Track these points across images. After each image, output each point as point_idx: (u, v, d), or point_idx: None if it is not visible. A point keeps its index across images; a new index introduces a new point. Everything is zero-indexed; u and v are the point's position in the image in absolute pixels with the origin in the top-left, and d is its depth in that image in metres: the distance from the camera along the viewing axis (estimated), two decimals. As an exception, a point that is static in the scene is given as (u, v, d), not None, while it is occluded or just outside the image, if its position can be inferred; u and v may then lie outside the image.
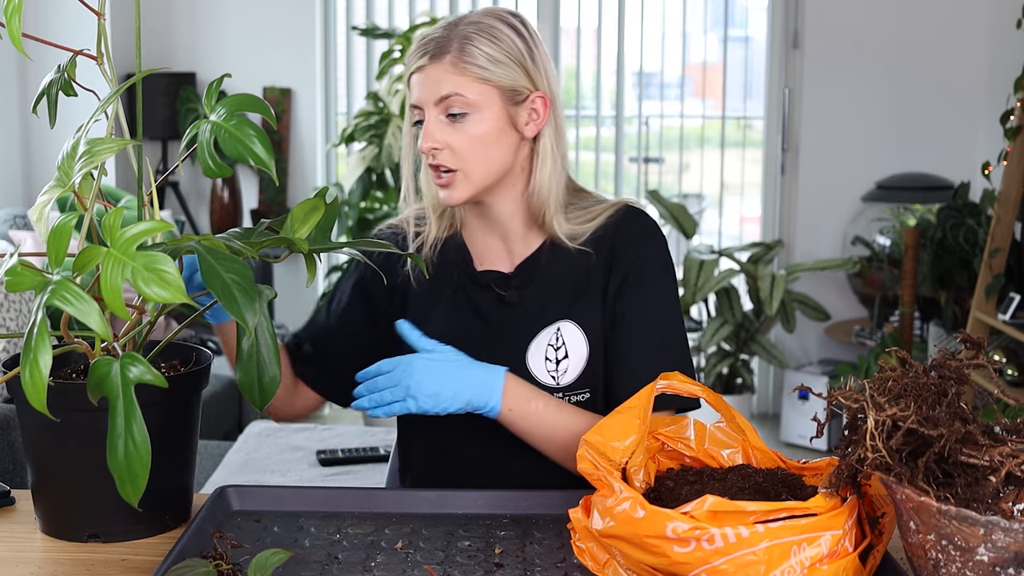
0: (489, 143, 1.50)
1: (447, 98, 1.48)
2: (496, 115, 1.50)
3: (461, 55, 1.48)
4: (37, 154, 4.36)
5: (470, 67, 1.48)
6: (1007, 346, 3.72)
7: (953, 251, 4.02)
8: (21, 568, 1.25)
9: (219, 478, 2.82)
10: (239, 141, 1.20)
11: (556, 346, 1.55)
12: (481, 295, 1.59)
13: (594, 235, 1.57)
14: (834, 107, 4.58)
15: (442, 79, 1.48)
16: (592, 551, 1.20)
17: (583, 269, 1.57)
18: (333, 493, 1.40)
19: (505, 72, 1.50)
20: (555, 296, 1.57)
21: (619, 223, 1.57)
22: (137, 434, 1.08)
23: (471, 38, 1.49)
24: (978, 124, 4.47)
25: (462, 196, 1.52)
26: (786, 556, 1.07)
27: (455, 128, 1.49)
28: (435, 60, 1.49)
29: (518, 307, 1.57)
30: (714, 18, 5.06)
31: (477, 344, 1.55)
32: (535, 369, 1.55)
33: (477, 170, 1.51)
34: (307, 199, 1.29)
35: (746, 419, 1.34)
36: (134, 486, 1.08)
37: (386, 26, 4.59)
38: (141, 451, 1.07)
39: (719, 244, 5.10)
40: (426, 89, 1.50)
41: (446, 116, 1.49)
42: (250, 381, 1.21)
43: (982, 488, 1.05)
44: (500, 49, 1.50)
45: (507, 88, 1.50)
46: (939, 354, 1.12)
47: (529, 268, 1.58)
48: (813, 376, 4.34)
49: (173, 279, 1.01)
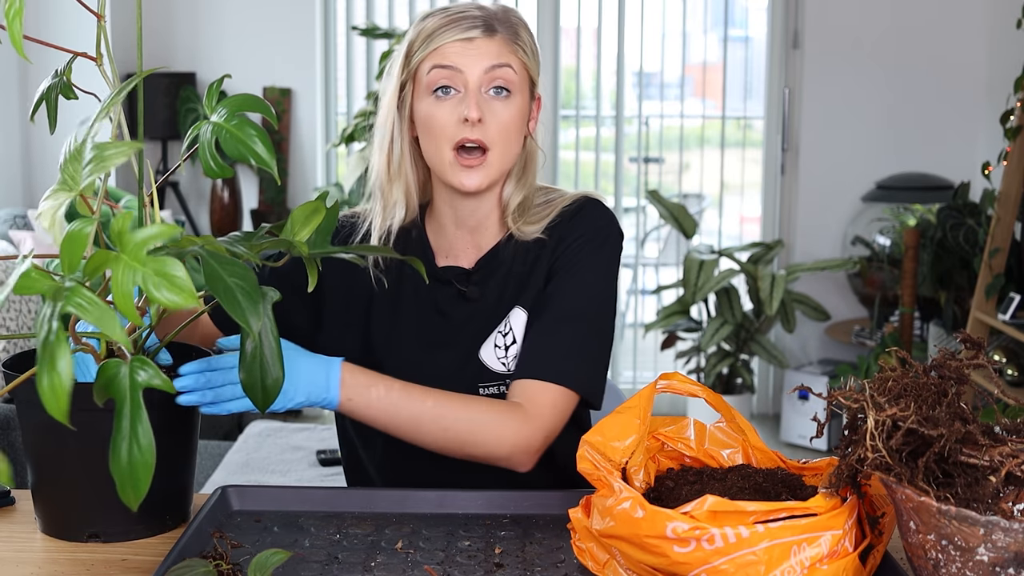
0: (516, 129, 1.50)
1: (501, 68, 1.47)
2: (524, 102, 1.52)
3: (514, 36, 1.50)
4: (37, 155, 4.36)
5: (519, 49, 1.50)
6: (1007, 346, 3.72)
7: (953, 251, 4.02)
8: (21, 568, 1.25)
9: (219, 478, 2.82)
10: (240, 141, 1.20)
11: (504, 332, 1.55)
12: (442, 291, 1.57)
13: (550, 224, 1.55)
14: (834, 107, 4.58)
15: (499, 50, 1.47)
16: (592, 551, 1.20)
17: (534, 257, 1.55)
18: (333, 493, 1.40)
19: (535, 64, 1.53)
20: (511, 288, 1.56)
21: (572, 214, 1.56)
22: (142, 438, 1.08)
23: (516, 24, 1.51)
24: (978, 124, 4.47)
25: (483, 181, 1.49)
26: (786, 556, 1.07)
27: (495, 105, 1.48)
28: (488, 35, 1.48)
29: (479, 302, 1.56)
30: (714, 18, 5.06)
31: (438, 340, 1.56)
32: (486, 359, 1.55)
33: (502, 157, 1.50)
34: (308, 202, 1.28)
35: (746, 419, 1.34)
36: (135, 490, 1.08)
37: (386, 26, 4.59)
38: (145, 455, 1.07)
39: (719, 244, 5.10)
40: (477, 58, 1.46)
41: (488, 90, 1.48)
42: (253, 383, 1.21)
43: (982, 488, 1.05)
44: (533, 41, 1.53)
45: (532, 80, 1.53)
46: (939, 354, 1.12)
47: (489, 263, 1.57)
48: (813, 376, 4.34)
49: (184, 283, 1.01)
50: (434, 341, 1.57)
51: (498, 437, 1.43)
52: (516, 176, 1.56)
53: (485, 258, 1.58)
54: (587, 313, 1.52)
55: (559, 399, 1.47)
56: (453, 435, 1.42)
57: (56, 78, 1.32)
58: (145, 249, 1.04)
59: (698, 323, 4.52)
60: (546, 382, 1.47)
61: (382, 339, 1.59)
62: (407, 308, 1.59)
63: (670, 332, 4.58)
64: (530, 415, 1.45)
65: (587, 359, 1.50)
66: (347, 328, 1.61)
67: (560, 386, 1.47)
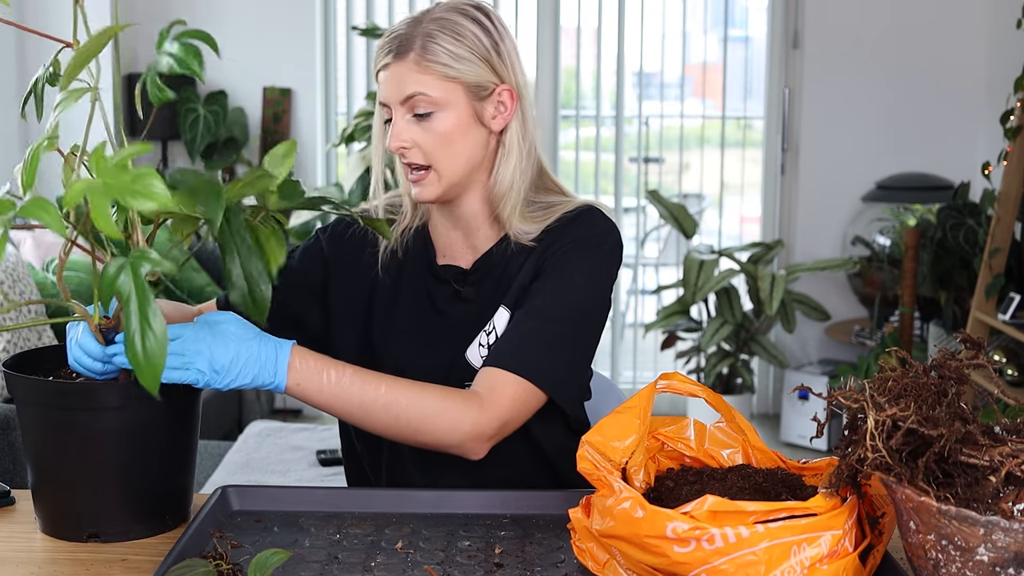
0: (456, 140, 1.50)
1: (412, 97, 1.48)
2: (461, 112, 1.50)
3: (424, 53, 1.48)
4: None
5: (433, 65, 1.48)
6: (1007, 346, 3.72)
7: (953, 251, 4.02)
8: (21, 568, 1.25)
9: (219, 478, 2.82)
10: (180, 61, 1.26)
11: (488, 332, 1.55)
12: (439, 289, 1.59)
13: (546, 229, 1.55)
14: (834, 107, 4.58)
15: (406, 78, 1.48)
16: (592, 551, 1.20)
17: (524, 260, 1.55)
18: (333, 493, 1.40)
19: (469, 68, 1.49)
20: (502, 290, 1.56)
21: (571, 218, 1.55)
22: (154, 323, 1.06)
23: (434, 35, 1.48)
24: (978, 124, 4.47)
25: (433, 194, 1.52)
26: (786, 556, 1.07)
27: (422, 127, 1.49)
28: (399, 58, 1.48)
29: (473, 302, 1.57)
30: (714, 18, 5.06)
31: (434, 339, 1.57)
32: (471, 358, 1.55)
33: (446, 167, 1.51)
34: (283, 142, 1.27)
35: (746, 419, 1.34)
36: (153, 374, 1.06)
37: (386, 26, 4.59)
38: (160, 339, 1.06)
39: (719, 244, 5.10)
40: (392, 88, 1.49)
41: (412, 115, 1.49)
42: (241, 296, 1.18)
43: (982, 488, 1.05)
44: (463, 45, 1.49)
45: (472, 84, 1.50)
46: (939, 354, 1.12)
47: (485, 264, 1.58)
48: (813, 376, 4.34)
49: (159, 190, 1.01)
50: (429, 340, 1.58)
51: (450, 425, 1.41)
52: (497, 171, 1.54)
53: (481, 260, 1.58)
54: (567, 314, 1.50)
55: (519, 391, 1.45)
56: (405, 422, 1.40)
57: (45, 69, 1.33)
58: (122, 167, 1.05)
59: (698, 323, 4.52)
60: (509, 372, 1.45)
61: (381, 336, 1.60)
62: (407, 305, 1.60)
63: (670, 332, 4.58)
64: (485, 403, 1.43)
65: (558, 358, 1.48)
66: (351, 323, 1.62)
67: (523, 378, 1.45)
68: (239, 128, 4.60)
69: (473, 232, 1.59)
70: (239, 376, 1.31)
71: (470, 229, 1.59)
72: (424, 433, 1.41)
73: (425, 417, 1.40)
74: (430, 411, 1.40)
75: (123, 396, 1.29)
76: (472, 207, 1.57)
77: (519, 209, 1.54)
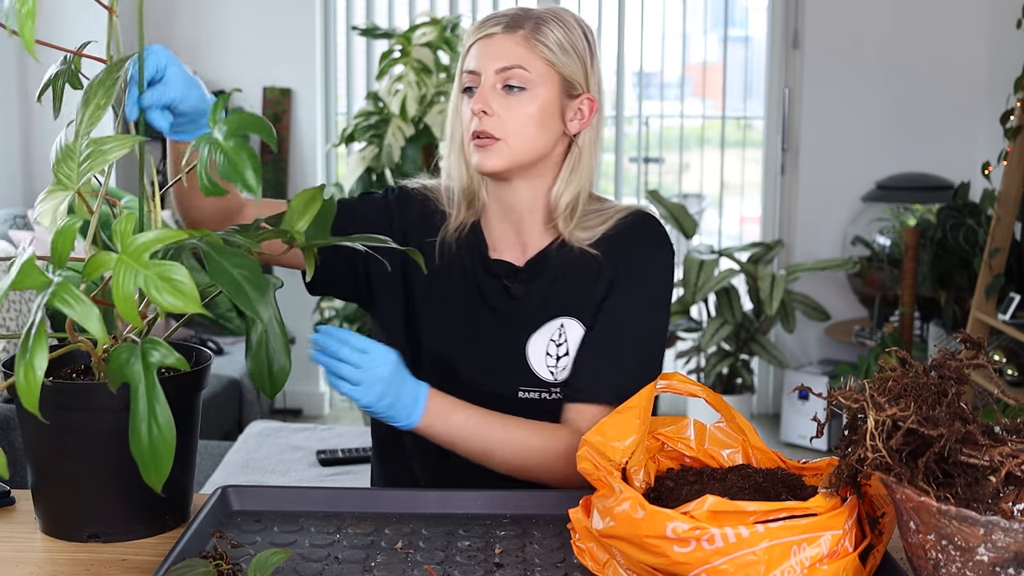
0: (535, 123, 1.52)
1: (510, 68, 1.51)
2: (550, 100, 1.53)
3: (535, 33, 1.52)
4: (37, 154, 4.36)
5: (540, 46, 1.52)
6: (1007, 346, 3.72)
7: (953, 251, 4.02)
8: (21, 568, 1.25)
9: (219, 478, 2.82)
10: (233, 165, 1.18)
11: (558, 343, 1.56)
12: (490, 283, 1.60)
13: (604, 236, 1.58)
14: (834, 107, 4.58)
15: (511, 50, 1.51)
16: (592, 551, 1.20)
17: (590, 270, 1.57)
18: (333, 493, 1.40)
19: (569, 61, 1.53)
20: (558, 293, 1.57)
21: (629, 229, 1.58)
22: (160, 417, 1.08)
23: (547, 21, 1.53)
24: (978, 124, 4.47)
25: (496, 165, 1.53)
26: (786, 556, 1.07)
27: (509, 100, 1.52)
28: (508, 31, 1.52)
29: (522, 301, 1.58)
30: (714, 18, 5.06)
31: (484, 332, 1.58)
32: (534, 362, 1.56)
33: (517, 144, 1.52)
34: (305, 189, 1.28)
35: (746, 419, 1.35)
36: (158, 471, 1.08)
37: (386, 26, 4.59)
38: (165, 434, 1.07)
39: (719, 244, 5.10)
40: (491, 56, 1.52)
41: (503, 87, 1.52)
42: (260, 370, 1.21)
43: (982, 488, 1.05)
44: (570, 40, 1.54)
45: (566, 78, 1.54)
46: (939, 354, 1.12)
47: (538, 264, 1.59)
48: (813, 376, 4.34)
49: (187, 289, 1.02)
50: (479, 332, 1.59)
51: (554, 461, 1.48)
52: (563, 178, 1.57)
53: (535, 259, 1.59)
54: (644, 332, 1.55)
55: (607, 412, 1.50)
56: (521, 463, 1.49)
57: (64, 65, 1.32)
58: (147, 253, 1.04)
59: (698, 323, 4.52)
60: (603, 405, 1.50)
61: (427, 322, 1.61)
62: (457, 297, 1.61)
63: (670, 332, 4.58)
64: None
65: (641, 376, 1.49)
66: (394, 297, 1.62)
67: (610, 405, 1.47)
68: (239, 128, 4.60)
69: (523, 228, 1.60)
70: (381, 410, 1.42)
71: (521, 224, 1.60)
72: (540, 475, 1.49)
73: (543, 461, 1.48)
74: (549, 455, 1.48)
75: (123, 396, 1.28)
76: (527, 200, 1.59)
77: (576, 217, 1.57)
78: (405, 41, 4.11)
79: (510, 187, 1.58)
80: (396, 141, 4.08)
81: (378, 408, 1.41)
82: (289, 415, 4.68)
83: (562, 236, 1.58)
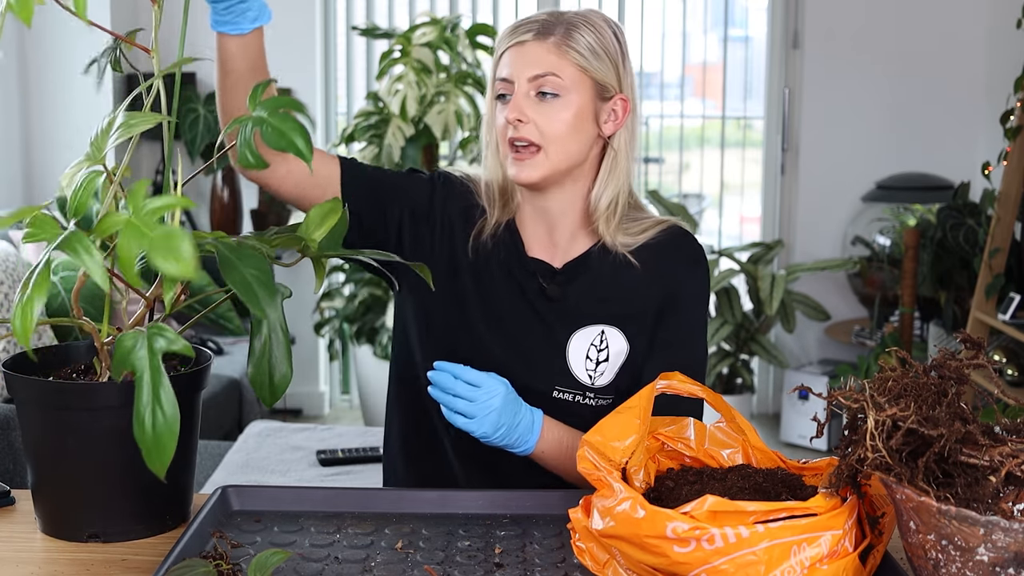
0: (570, 129, 1.54)
1: (543, 76, 1.53)
2: (584, 104, 1.54)
3: (566, 39, 1.53)
4: (37, 154, 4.36)
5: (572, 52, 1.53)
6: (1007, 346, 3.72)
7: (953, 251, 4.02)
8: (21, 568, 1.25)
9: (219, 478, 2.81)
10: (282, 134, 1.22)
11: (600, 348, 1.58)
12: (528, 281, 1.62)
13: (644, 246, 1.60)
14: (834, 107, 4.58)
15: (543, 57, 1.53)
16: (592, 551, 1.20)
17: (630, 278, 1.59)
18: (333, 493, 1.40)
19: (601, 66, 1.55)
20: (598, 298, 1.59)
21: (669, 244, 1.61)
22: (166, 404, 1.07)
23: (577, 27, 1.54)
24: (978, 124, 4.47)
25: (535, 175, 1.54)
26: (786, 556, 1.07)
27: (543, 107, 1.53)
28: (539, 38, 1.53)
29: (559, 302, 1.60)
30: (714, 18, 5.06)
31: (523, 328, 1.60)
32: (574, 365, 1.58)
33: (555, 150, 1.54)
34: (325, 202, 1.29)
35: (746, 419, 1.34)
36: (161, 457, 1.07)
37: (386, 26, 4.59)
38: (170, 420, 1.07)
39: (719, 244, 5.10)
40: (523, 64, 1.53)
41: (536, 94, 1.53)
42: (261, 379, 1.21)
43: (982, 488, 1.05)
44: (601, 44, 1.55)
45: (599, 82, 1.55)
46: (939, 354, 1.12)
47: (576, 267, 1.61)
48: (813, 376, 4.34)
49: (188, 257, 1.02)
50: (521, 327, 1.60)
51: None
52: (601, 180, 1.59)
53: (574, 262, 1.61)
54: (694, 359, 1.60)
55: None
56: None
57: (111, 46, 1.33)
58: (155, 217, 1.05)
59: (698, 323, 4.52)
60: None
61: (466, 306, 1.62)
62: (497, 289, 1.62)
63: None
64: None
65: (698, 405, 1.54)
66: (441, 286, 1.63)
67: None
68: (239, 128, 4.60)
69: (557, 232, 1.62)
70: (498, 439, 1.47)
71: (555, 226, 1.62)
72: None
73: None
74: None
75: (123, 395, 1.29)
76: (562, 205, 1.60)
77: (617, 219, 1.59)
78: (405, 41, 4.11)
79: (545, 193, 1.60)
80: (396, 141, 4.08)
81: (494, 438, 1.46)
82: (289, 415, 4.68)
83: (602, 240, 1.60)
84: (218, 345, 3.98)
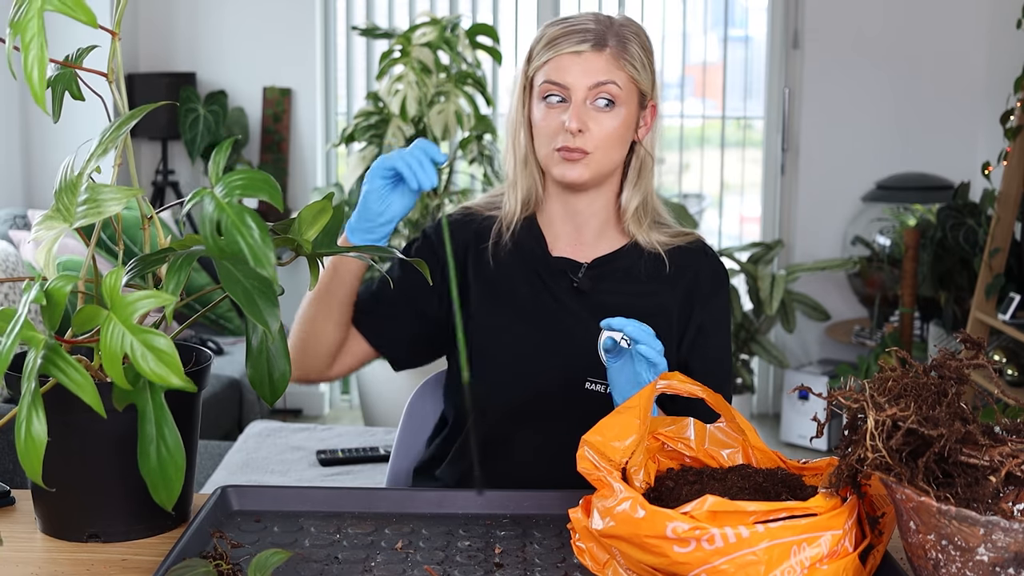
0: (619, 136, 1.60)
1: (604, 84, 1.57)
2: (631, 112, 1.61)
3: (622, 51, 1.59)
4: (37, 155, 4.36)
5: (627, 64, 1.59)
6: (1007, 346, 3.72)
7: (953, 251, 4.02)
8: (21, 568, 1.25)
9: (219, 478, 2.82)
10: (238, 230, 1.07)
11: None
12: (555, 278, 1.65)
13: (672, 250, 1.66)
14: (834, 107, 4.58)
15: (602, 67, 1.57)
16: (592, 551, 1.20)
17: (659, 278, 1.64)
18: (333, 493, 1.40)
19: (646, 76, 1.63)
20: (629, 294, 1.64)
21: (697, 259, 1.67)
22: (169, 439, 1.09)
23: (628, 38, 1.60)
24: (978, 124, 4.47)
25: (581, 176, 1.59)
26: (786, 556, 1.07)
27: (599, 116, 1.58)
28: (596, 49, 1.58)
29: (590, 296, 1.63)
30: (714, 18, 5.06)
31: (556, 326, 1.63)
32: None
33: (602, 156, 1.59)
34: (315, 201, 1.29)
35: (746, 419, 1.34)
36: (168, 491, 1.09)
37: (386, 26, 4.59)
38: (175, 455, 1.09)
39: (719, 244, 5.10)
40: (582, 74, 1.57)
41: (593, 102, 1.57)
42: (260, 377, 1.22)
43: (982, 488, 1.05)
44: (646, 55, 1.63)
45: (642, 91, 1.63)
46: (939, 354, 1.12)
47: (605, 264, 1.65)
48: (813, 376, 4.34)
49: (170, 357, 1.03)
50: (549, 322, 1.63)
51: None
52: (631, 182, 1.66)
53: (604, 258, 1.66)
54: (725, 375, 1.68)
55: None
56: None
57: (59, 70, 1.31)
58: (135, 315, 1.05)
59: (698, 323, 4.52)
60: None
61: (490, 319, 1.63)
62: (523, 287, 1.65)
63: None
64: None
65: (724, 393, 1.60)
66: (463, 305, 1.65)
67: None
68: (239, 128, 4.60)
69: (584, 231, 1.67)
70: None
71: (582, 227, 1.67)
72: None
73: None
74: None
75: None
76: (593, 206, 1.66)
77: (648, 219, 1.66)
78: (405, 41, 4.11)
79: (579, 194, 1.64)
80: (396, 141, 4.07)
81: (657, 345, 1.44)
82: (289, 415, 4.68)
83: (635, 239, 1.65)
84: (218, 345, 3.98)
